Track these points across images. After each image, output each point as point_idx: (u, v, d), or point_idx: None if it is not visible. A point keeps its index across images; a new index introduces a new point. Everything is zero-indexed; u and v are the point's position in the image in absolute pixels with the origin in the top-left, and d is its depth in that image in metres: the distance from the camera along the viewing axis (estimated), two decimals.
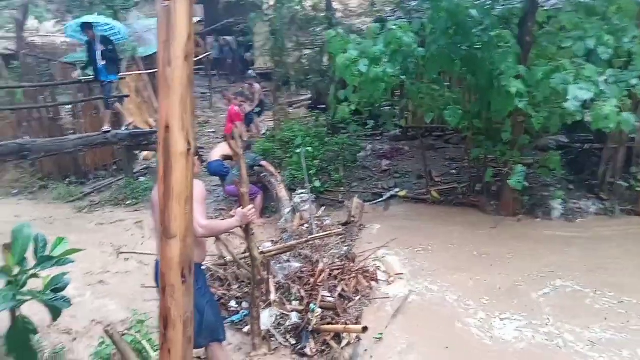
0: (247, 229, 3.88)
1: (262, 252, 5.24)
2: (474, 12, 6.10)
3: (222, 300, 5.09)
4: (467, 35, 6.23)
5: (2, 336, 3.01)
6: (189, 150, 1.89)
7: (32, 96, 10.46)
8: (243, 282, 5.29)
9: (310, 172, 8.38)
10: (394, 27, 6.59)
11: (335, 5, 9.99)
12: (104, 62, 8.48)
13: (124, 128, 9.37)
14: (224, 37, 18.78)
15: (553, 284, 5.22)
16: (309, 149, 8.20)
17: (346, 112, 7.18)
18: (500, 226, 6.94)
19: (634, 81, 5.75)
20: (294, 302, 4.69)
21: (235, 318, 4.80)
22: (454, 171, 8.68)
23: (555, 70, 5.71)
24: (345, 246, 5.92)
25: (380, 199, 8.33)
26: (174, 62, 1.83)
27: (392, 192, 8.40)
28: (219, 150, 8.24)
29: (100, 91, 9.35)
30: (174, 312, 1.95)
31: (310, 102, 12.17)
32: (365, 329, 4.06)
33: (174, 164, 1.88)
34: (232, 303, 5.03)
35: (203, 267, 3.77)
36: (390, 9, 9.43)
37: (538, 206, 7.23)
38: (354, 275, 4.91)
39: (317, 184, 8.33)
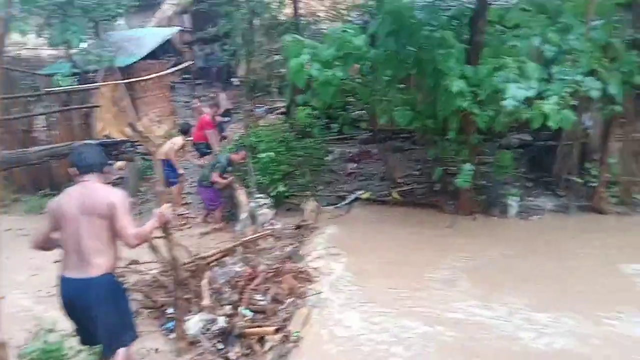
0: (165, 229, 3.85)
1: (199, 258, 5.32)
2: (419, 13, 6.12)
3: (163, 307, 5.10)
4: (413, 37, 6.24)
5: None
6: None
7: (7, 109, 10.57)
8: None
9: (275, 177, 8.44)
10: (345, 30, 6.63)
11: (303, 11, 10.04)
12: None
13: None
14: (210, 45, 18.92)
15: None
16: (272, 154, 8.23)
17: (303, 116, 7.20)
18: (455, 225, 6.93)
19: (578, 77, 5.74)
20: (226, 307, 4.70)
21: (170, 325, 4.80)
22: (417, 172, 8.67)
23: (498, 69, 5.71)
24: (291, 248, 5.93)
25: (344, 202, 8.34)
26: None
27: (355, 195, 8.40)
28: (165, 148, 8.41)
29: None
30: None
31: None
32: (277, 330, 4.06)
33: None
34: (170, 310, 5.03)
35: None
36: (357, 13, 9.47)
37: (494, 205, 7.20)
38: (288, 277, 4.90)
39: (282, 188, 8.36)
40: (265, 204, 7.38)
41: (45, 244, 3.20)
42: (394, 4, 5.93)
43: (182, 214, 8.74)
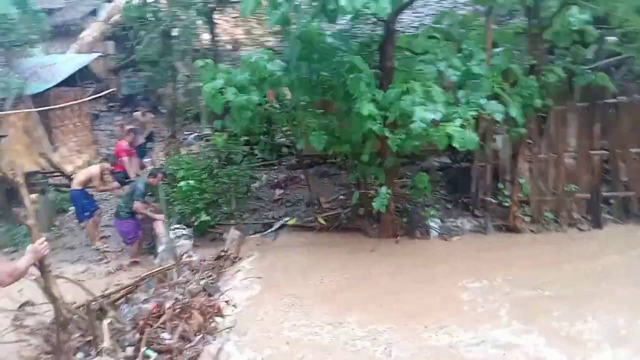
0: (42, 264, 3.56)
1: (102, 296, 4.95)
2: (329, 39, 6.19)
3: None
4: (325, 62, 6.29)
5: None
6: None
7: None
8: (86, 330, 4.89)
9: (197, 206, 8.15)
10: (259, 56, 6.59)
11: (222, 37, 9.96)
12: None
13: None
14: (134, 72, 18.36)
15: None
16: (192, 182, 7.96)
17: (221, 142, 7.03)
18: (378, 248, 6.96)
19: (482, 101, 5.99)
20: (128, 349, 4.36)
21: None
22: (343, 197, 8.68)
23: (406, 92, 5.85)
24: (206, 281, 5.67)
25: (271, 229, 8.19)
26: None
27: (281, 222, 8.27)
28: (80, 177, 7.97)
29: None
30: None
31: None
32: None
33: None
34: (79, 355, 4.61)
35: None
36: (277, 38, 9.50)
37: (416, 227, 7.30)
38: (195, 312, 4.64)
39: (205, 217, 8.09)
40: (184, 234, 7.09)
41: None
42: (303, 29, 5.96)
43: (99, 249, 8.26)
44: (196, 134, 12.78)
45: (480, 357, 4.29)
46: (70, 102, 12.30)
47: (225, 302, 5.12)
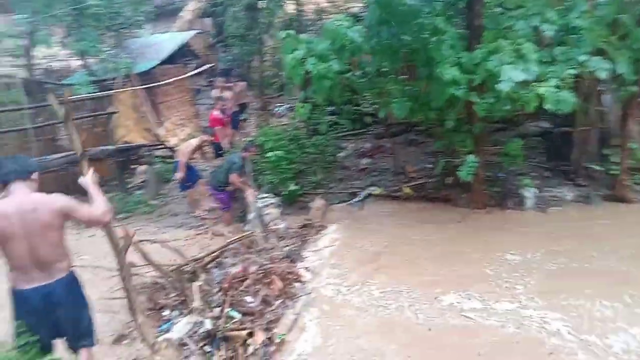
0: (108, 225, 3.63)
1: (193, 260, 5.34)
2: (410, 1, 5.89)
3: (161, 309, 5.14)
4: (405, 25, 6.01)
5: None
6: None
7: (33, 118, 11.01)
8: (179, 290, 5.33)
9: (286, 175, 8.39)
10: (339, 23, 6.48)
11: (308, 7, 9.91)
12: None
13: None
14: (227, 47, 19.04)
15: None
16: (279, 152, 8.18)
17: (302, 112, 7.11)
18: (466, 220, 6.68)
19: (583, 57, 5.38)
20: (215, 309, 4.68)
21: (164, 326, 4.85)
22: (430, 165, 8.40)
23: (493, 52, 5.42)
24: (290, 248, 5.87)
25: (356, 199, 8.20)
26: None
27: (367, 191, 8.24)
28: (182, 149, 8.44)
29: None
30: None
31: None
32: (250, 334, 4.01)
33: None
34: (166, 312, 5.07)
35: None
36: (361, 4, 9.24)
37: (509, 197, 6.87)
38: (276, 277, 4.84)
39: (293, 187, 8.31)
40: (272, 203, 7.34)
41: None
42: None
43: (199, 216, 8.80)
44: (288, 106, 13.06)
45: None
46: (173, 79, 13.14)
47: (305, 268, 5.26)
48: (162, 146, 11.22)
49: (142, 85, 12.39)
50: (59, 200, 3.10)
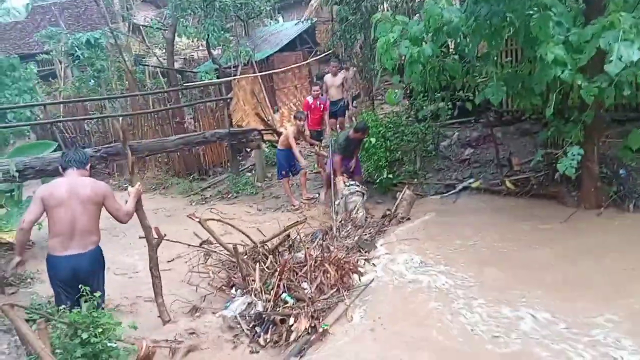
0: (139, 202, 4.09)
1: (262, 242, 5.45)
2: None
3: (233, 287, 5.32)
4: (507, 1, 5.33)
5: None
6: None
7: (164, 103, 12.26)
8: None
9: (380, 163, 8.15)
10: (434, 2, 6.01)
11: None
12: None
13: None
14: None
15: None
16: (372, 139, 7.97)
17: (391, 99, 6.79)
18: (571, 220, 5.82)
19: None
20: (272, 292, 4.73)
21: (227, 304, 5.03)
22: (540, 158, 7.47)
23: (608, 28, 4.56)
24: (363, 237, 5.69)
25: (452, 191, 7.67)
26: None
27: (464, 184, 7.66)
28: (282, 137, 8.56)
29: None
30: None
31: None
32: (282, 321, 3.94)
33: None
34: (233, 290, 5.23)
35: None
36: None
37: (629, 197, 5.81)
38: (331, 267, 4.71)
39: (386, 175, 8.05)
40: (357, 191, 7.19)
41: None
42: None
43: (309, 198, 8.90)
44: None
45: None
46: (289, 67, 13.57)
47: (366, 260, 5.05)
48: (272, 131, 11.67)
49: (260, 72, 13.04)
50: (104, 186, 3.77)
